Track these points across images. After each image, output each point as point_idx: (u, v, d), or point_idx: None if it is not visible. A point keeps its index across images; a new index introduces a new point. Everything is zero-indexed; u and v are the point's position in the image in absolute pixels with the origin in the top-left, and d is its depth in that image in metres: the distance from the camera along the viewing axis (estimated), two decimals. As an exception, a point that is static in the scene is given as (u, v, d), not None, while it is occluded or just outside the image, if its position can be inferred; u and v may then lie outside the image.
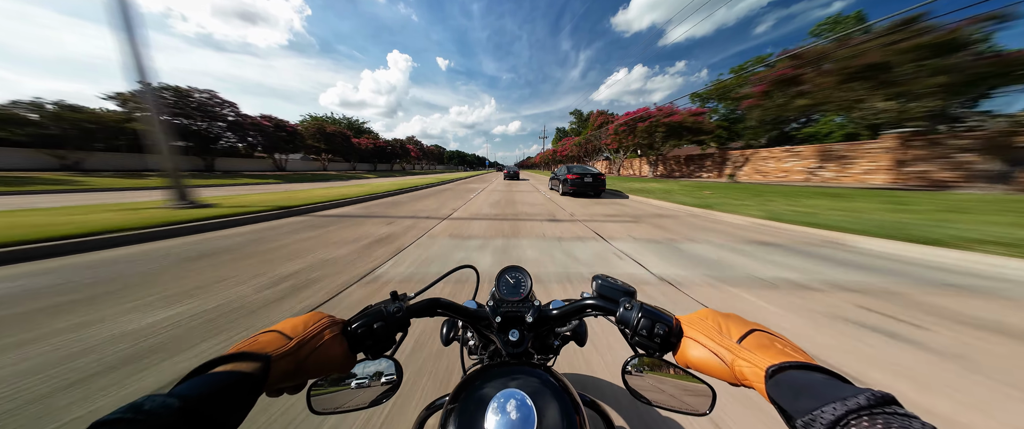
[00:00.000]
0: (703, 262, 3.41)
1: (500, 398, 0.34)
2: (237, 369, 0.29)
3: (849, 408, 0.23)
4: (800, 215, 5.86)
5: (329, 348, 0.39)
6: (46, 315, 1.95)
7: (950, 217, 5.42)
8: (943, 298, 2.48)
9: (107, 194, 9.48)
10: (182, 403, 0.24)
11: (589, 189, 10.74)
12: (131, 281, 2.54)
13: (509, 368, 0.42)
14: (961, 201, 7.23)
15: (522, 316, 0.53)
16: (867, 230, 4.44)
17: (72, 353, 1.56)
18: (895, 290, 2.64)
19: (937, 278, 2.96)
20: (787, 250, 3.94)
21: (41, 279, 2.57)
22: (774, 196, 9.25)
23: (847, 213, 6.07)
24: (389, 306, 0.46)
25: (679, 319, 0.43)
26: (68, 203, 6.62)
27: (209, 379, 0.28)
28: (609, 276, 0.54)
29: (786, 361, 0.30)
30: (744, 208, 6.96)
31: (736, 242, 4.38)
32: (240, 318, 1.97)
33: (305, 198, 7.71)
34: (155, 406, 0.23)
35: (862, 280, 2.88)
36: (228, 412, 0.27)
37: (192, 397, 0.25)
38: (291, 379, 0.35)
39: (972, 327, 2.01)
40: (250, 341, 0.35)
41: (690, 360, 0.38)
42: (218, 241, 3.93)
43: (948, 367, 1.59)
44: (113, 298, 2.21)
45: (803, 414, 0.25)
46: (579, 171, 10.94)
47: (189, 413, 0.24)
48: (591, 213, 7.14)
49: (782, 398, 0.28)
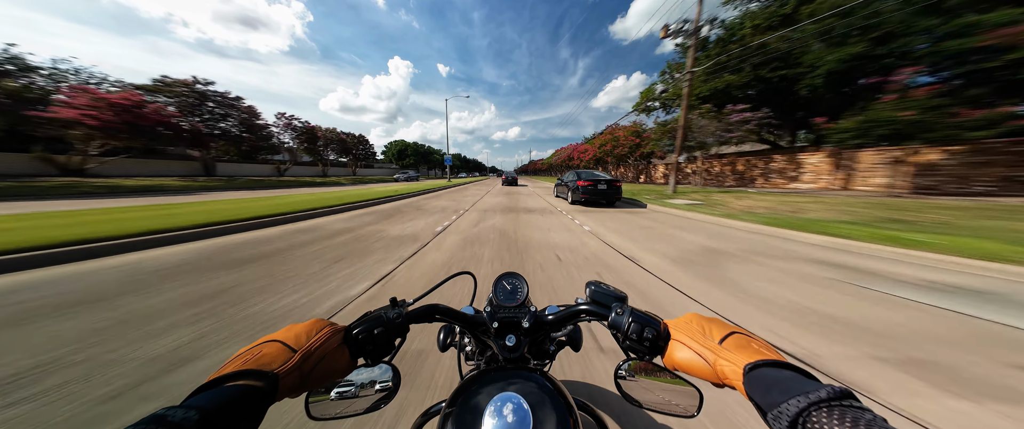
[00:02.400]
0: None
1: (497, 402, 0.35)
2: (248, 383, 0.31)
3: (811, 401, 0.25)
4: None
5: (332, 357, 0.39)
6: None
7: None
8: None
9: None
10: (200, 415, 0.25)
11: (602, 197, 9.68)
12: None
13: (506, 372, 0.43)
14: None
15: (518, 321, 0.54)
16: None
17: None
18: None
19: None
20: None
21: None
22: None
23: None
24: (389, 312, 0.47)
25: (666, 323, 0.44)
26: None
27: (223, 392, 0.29)
28: (602, 282, 0.55)
29: (760, 359, 0.33)
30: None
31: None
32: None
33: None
34: (177, 418, 0.24)
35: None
36: (242, 424, 0.28)
37: (210, 409, 0.26)
38: (296, 391, 0.36)
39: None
40: (255, 354, 0.35)
41: (677, 362, 0.40)
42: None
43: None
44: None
45: (773, 407, 0.27)
46: (591, 177, 9.90)
47: (206, 424, 0.25)
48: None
49: (756, 393, 0.30)
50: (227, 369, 0.32)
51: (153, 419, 0.24)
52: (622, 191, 10.24)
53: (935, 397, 1.43)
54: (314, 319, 0.43)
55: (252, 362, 0.34)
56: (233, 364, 0.34)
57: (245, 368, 0.32)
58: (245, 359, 0.34)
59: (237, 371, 0.32)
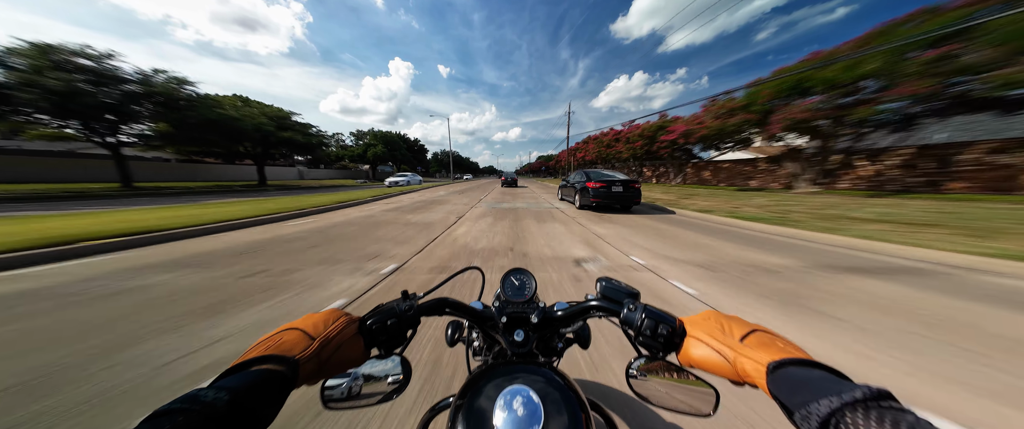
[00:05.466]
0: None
1: (507, 395, 0.35)
2: (271, 368, 0.32)
3: (844, 401, 0.24)
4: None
5: (348, 346, 0.41)
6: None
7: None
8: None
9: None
10: (230, 395, 0.27)
11: (617, 201, 8.23)
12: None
13: (515, 367, 0.42)
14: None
15: (527, 317, 0.53)
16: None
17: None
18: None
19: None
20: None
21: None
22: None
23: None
24: (401, 305, 0.47)
25: (682, 320, 0.43)
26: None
27: (249, 375, 0.30)
28: (613, 278, 0.54)
29: (786, 357, 0.31)
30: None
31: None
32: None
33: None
34: (209, 398, 0.26)
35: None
36: (266, 406, 0.29)
37: (238, 390, 0.28)
38: (314, 378, 0.37)
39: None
40: (276, 340, 0.37)
41: (693, 359, 0.39)
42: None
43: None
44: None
45: (801, 407, 0.26)
46: (603, 177, 8.52)
47: (235, 405, 0.27)
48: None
49: (782, 393, 0.29)
50: (251, 354, 0.34)
51: (187, 398, 0.25)
52: (641, 194, 8.64)
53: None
54: (331, 309, 0.44)
55: (274, 348, 0.35)
56: (256, 350, 0.35)
57: (268, 354, 0.34)
58: (268, 345, 0.36)
59: (261, 356, 0.33)
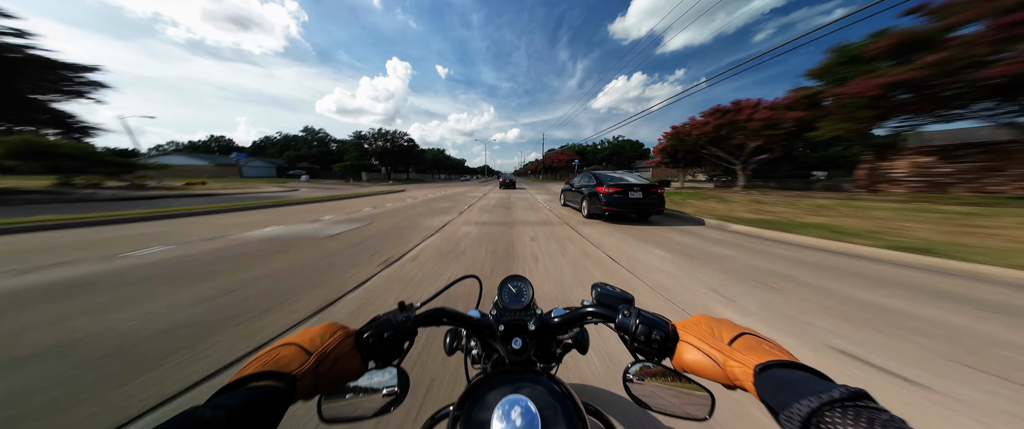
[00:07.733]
0: None
1: (504, 404, 0.35)
2: (268, 384, 0.32)
3: (823, 401, 0.25)
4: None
5: (345, 360, 0.41)
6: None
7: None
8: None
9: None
10: (227, 414, 0.27)
11: (634, 209, 6.85)
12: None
13: (513, 375, 0.42)
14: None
15: (524, 324, 0.53)
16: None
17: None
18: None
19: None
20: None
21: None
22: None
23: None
24: (397, 316, 0.47)
25: (675, 324, 0.44)
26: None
27: (246, 392, 0.30)
28: (608, 284, 0.55)
29: (772, 359, 0.32)
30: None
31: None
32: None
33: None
34: (205, 417, 0.26)
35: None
36: (264, 423, 0.29)
37: (235, 408, 0.28)
38: (312, 392, 0.37)
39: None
40: (273, 356, 0.36)
41: (686, 363, 0.40)
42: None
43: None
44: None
45: (784, 408, 0.27)
46: (617, 181, 7.16)
47: (232, 423, 0.27)
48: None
49: (767, 394, 0.30)
50: (248, 370, 0.33)
51: (183, 417, 0.25)
52: (664, 201, 7.23)
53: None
54: (327, 322, 0.44)
55: (271, 364, 0.35)
56: (253, 366, 0.35)
57: (265, 370, 0.33)
58: (264, 361, 0.35)
59: (258, 372, 0.33)
